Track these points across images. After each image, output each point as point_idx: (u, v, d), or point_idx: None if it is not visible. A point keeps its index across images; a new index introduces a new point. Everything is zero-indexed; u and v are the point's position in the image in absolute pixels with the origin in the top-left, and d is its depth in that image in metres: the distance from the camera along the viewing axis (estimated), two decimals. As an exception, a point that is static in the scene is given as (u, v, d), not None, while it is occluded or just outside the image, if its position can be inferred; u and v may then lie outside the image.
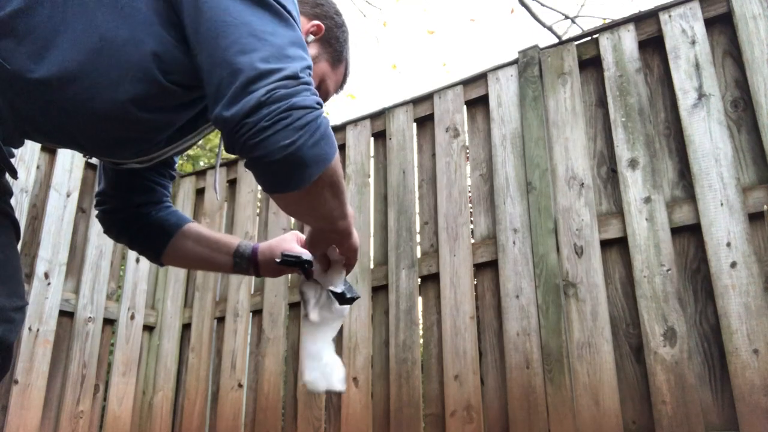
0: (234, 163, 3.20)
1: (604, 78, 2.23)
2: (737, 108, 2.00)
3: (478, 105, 2.54)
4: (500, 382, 2.16)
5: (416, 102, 2.69)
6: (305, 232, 1.20)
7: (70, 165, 2.74)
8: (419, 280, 2.44)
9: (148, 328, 3.05)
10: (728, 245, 1.84)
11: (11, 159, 1.00)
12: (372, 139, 2.80)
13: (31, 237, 2.57)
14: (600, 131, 2.25)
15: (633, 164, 2.08)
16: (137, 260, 3.02)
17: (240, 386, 2.72)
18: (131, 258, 3.01)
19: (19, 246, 1.10)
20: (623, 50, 2.22)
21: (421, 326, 2.40)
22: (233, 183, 3.17)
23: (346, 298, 1.20)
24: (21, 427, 2.35)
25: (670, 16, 2.15)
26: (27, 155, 2.56)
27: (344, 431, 2.38)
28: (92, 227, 2.81)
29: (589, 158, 2.21)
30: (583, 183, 2.16)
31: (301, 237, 1.31)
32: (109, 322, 2.86)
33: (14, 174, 1.00)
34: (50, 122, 0.97)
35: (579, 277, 2.07)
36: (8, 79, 0.92)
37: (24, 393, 2.39)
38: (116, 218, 1.30)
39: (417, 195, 2.58)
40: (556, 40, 2.65)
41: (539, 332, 2.08)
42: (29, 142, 1.74)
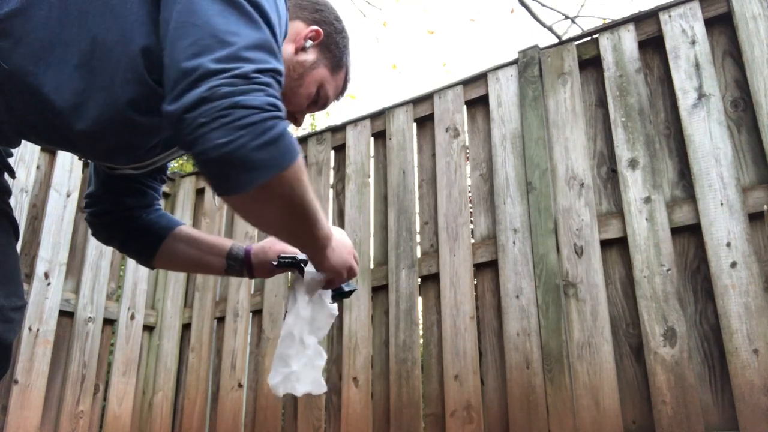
0: (234, 163, 3.19)
1: (604, 78, 2.23)
2: (737, 108, 1.99)
3: (478, 105, 2.54)
4: (500, 382, 2.16)
5: (416, 102, 2.69)
6: None
7: (70, 165, 2.73)
8: (419, 280, 2.44)
9: (148, 328, 3.04)
10: (728, 245, 1.84)
11: (9, 159, 1.00)
12: (372, 139, 2.80)
13: (31, 237, 2.57)
14: (600, 131, 2.25)
15: (633, 164, 2.08)
16: (137, 260, 3.02)
17: (240, 386, 2.72)
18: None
19: (19, 246, 1.10)
20: (623, 50, 2.22)
21: (421, 326, 2.40)
22: (233, 183, 3.16)
23: (344, 292, 1.20)
24: (21, 427, 2.35)
25: (670, 16, 2.15)
26: (27, 155, 2.56)
27: (344, 431, 2.38)
28: (92, 227, 2.81)
29: (589, 158, 2.21)
30: (583, 183, 2.16)
31: None
32: (109, 322, 2.86)
33: (12, 174, 1.00)
34: (46, 124, 0.97)
35: (579, 277, 2.07)
36: (6, 80, 0.91)
37: (24, 393, 2.39)
38: (106, 221, 1.28)
39: (417, 195, 2.58)
40: (556, 40, 2.65)
41: (539, 332, 2.08)
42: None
